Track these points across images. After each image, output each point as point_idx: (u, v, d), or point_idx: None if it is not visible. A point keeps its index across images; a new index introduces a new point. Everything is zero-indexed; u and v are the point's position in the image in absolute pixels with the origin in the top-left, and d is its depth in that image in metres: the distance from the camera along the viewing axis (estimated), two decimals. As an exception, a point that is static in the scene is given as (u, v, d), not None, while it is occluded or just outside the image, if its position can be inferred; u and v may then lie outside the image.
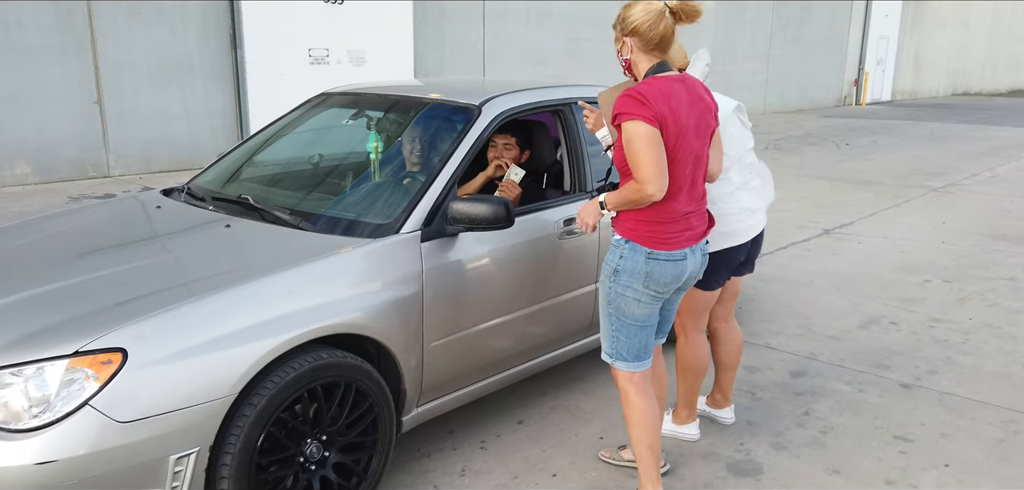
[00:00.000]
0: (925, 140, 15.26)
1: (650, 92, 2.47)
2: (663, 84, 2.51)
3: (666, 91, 2.50)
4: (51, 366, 2.19)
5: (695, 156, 2.60)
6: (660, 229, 2.58)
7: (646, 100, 2.45)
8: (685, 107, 2.53)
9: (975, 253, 6.76)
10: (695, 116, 2.57)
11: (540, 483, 3.10)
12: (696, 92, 2.61)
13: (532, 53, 14.02)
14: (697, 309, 3.28)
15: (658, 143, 2.46)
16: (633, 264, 2.60)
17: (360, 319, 2.68)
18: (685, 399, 3.42)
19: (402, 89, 3.88)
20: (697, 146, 2.60)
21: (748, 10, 19.11)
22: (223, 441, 2.38)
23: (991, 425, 3.62)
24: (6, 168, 8.63)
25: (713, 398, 3.61)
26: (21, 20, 8.44)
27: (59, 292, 2.54)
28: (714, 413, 3.61)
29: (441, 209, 3.00)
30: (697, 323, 3.32)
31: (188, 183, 3.73)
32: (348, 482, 2.75)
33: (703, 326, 3.35)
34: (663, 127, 2.47)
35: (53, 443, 2.12)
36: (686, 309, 3.27)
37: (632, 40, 2.58)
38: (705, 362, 3.37)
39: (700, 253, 2.72)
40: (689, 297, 3.22)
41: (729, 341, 3.50)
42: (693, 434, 3.44)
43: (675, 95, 2.51)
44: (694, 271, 2.72)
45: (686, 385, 3.40)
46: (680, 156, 2.55)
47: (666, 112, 2.47)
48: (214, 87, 10.14)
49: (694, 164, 2.61)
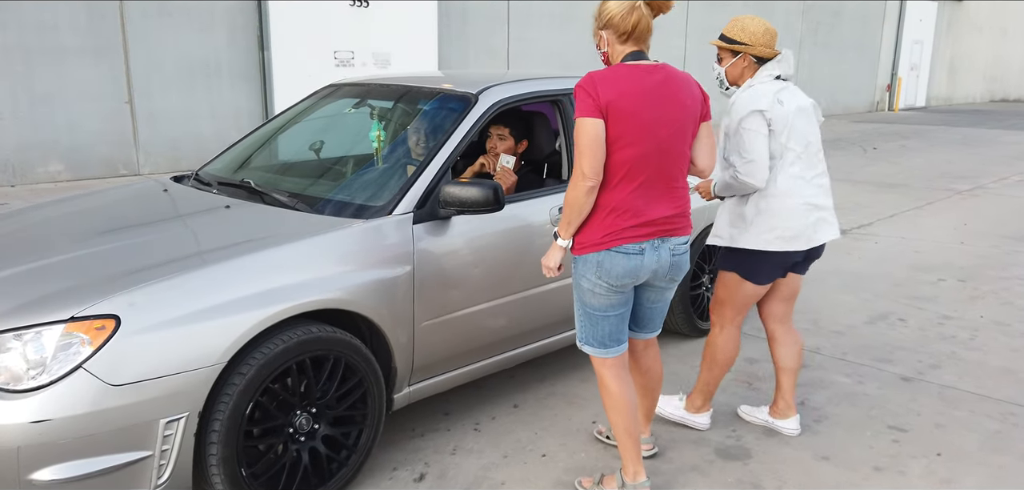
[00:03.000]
0: (956, 145, 15.02)
1: (600, 77, 2.52)
2: (620, 71, 2.55)
3: (621, 77, 2.53)
4: (48, 330, 2.30)
5: (660, 148, 2.56)
6: (612, 219, 2.56)
7: (593, 88, 2.49)
8: (645, 95, 2.52)
9: (994, 254, 6.67)
10: (662, 107, 2.55)
11: (528, 462, 3.15)
12: (670, 85, 2.59)
13: (556, 56, 14.09)
14: (738, 301, 3.22)
15: (599, 136, 2.49)
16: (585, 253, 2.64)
17: (348, 296, 2.76)
18: (703, 388, 3.38)
19: (406, 80, 3.97)
20: (664, 138, 2.56)
21: (777, 13, 18.97)
22: (212, 408, 2.48)
23: (989, 417, 3.60)
24: (40, 165, 8.91)
25: (775, 407, 3.43)
26: (56, 22, 8.72)
27: (60, 264, 2.66)
28: (777, 423, 3.42)
29: (434, 193, 3.08)
30: (735, 316, 3.25)
31: (197, 170, 3.86)
32: (338, 455, 2.84)
33: (740, 320, 3.28)
34: (608, 112, 2.49)
35: (49, 403, 2.24)
36: (727, 299, 3.23)
37: (607, 32, 2.63)
38: (733, 356, 3.31)
39: (667, 251, 2.67)
40: (732, 287, 3.19)
41: (789, 343, 3.35)
42: (703, 423, 3.41)
43: (632, 80, 2.52)
44: (659, 268, 2.67)
45: (709, 375, 3.34)
46: (632, 142, 2.52)
47: (614, 98, 2.49)
48: (241, 87, 10.36)
49: (661, 157, 2.57)
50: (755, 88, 3.04)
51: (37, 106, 8.76)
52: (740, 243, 3.13)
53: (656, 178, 2.60)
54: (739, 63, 3.12)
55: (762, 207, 3.06)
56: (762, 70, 3.10)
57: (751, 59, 3.11)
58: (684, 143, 2.65)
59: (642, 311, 2.88)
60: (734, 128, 3.03)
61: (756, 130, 2.98)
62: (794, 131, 3.03)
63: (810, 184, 3.08)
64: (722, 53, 3.18)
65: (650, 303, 2.86)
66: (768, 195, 3.05)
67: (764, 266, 3.13)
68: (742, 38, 3.10)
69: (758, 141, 2.98)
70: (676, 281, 2.81)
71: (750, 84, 3.08)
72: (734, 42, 3.11)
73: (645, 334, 2.96)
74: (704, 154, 2.77)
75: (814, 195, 3.09)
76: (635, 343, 2.98)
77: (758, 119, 2.98)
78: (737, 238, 3.14)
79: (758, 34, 3.09)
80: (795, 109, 3.04)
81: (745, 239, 3.11)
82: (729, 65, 3.15)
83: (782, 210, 3.04)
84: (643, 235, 2.60)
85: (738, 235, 3.13)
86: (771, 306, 3.33)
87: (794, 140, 3.04)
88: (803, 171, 3.06)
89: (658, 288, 2.80)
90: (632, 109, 2.51)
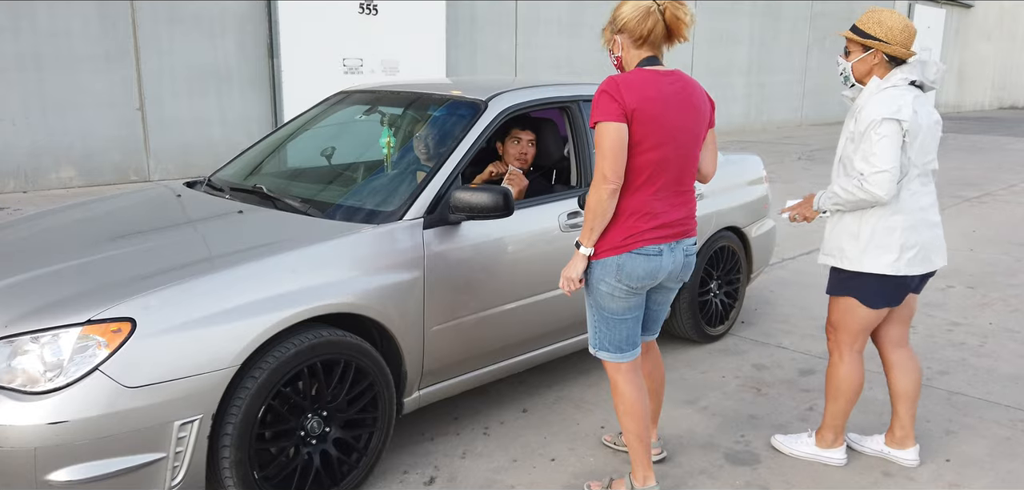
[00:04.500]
0: (965, 152, 14.98)
1: (623, 81, 2.53)
2: (642, 75, 2.56)
3: (645, 82, 2.55)
4: (65, 333, 2.34)
5: (680, 153, 2.60)
6: (633, 222, 2.59)
7: (618, 93, 2.50)
8: (666, 101, 2.55)
9: (1003, 261, 6.65)
10: (682, 113, 2.58)
11: (537, 467, 3.17)
12: (686, 92, 2.62)
13: (564, 63, 14.13)
14: (855, 327, 3.02)
15: (623, 141, 2.50)
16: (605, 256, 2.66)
17: (360, 300, 2.79)
18: (831, 422, 3.16)
19: (416, 87, 4.00)
20: (683, 143, 2.60)
21: (784, 21, 18.98)
22: (226, 411, 2.51)
23: (999, 424, 3.60)
24: (52, 171, 8.98)
25: (891, 435, 3.21)
26: (69, 29, 8.80)
27: (75, 268, 2.70)
28: (895, 453, 3.20)
29: (445, 198, 3.11)
30: (853, 342, 3.05)
31: (210, 176, 3.90)
32: (349, 457, 2.86)
33: (861, 347, 3.07)
34: (632, 117, 2.51)
35: (65, 405, 2.27)
36: (842, 325, 3.05)
37: (622, 37, 2.65)
38: (859, 385, 3.10)
39: (681, 252, 2.70)
40: (847, 312, 3.02)
41: (908, 367, 3.14)
42: (839, 459, 3.18)
43: (653, 86, 2.55)
44: (674, 270, 2.70)
45: (835, 407, 3.13)
46: (655, 146, 2.54)
47: (639, 102, 2.51)
48: (251, 95, 10.42)
49: (680, 162, 2.61)
50: (891, 92, 2.81)
51: (49, 112, 8.84)
52: (856, 265, 2.93)
53: (674, 182, 2.64)
54: (869, 59, 2.88)
55: (880, 226, 2.87)
56: (896, 72, 2.87)
57: (883, 57, 2.87)
58: (698, 148, 2.70)
59: (649, 313, 2.91)
60: (863, 132, 2.80)
61: (891, 137, 2.74)
62: (923, 147, 2.85)
63: (928, 201, 2.92)
64: (851, 46, 2.94)
65: (657, 305, 2.90)
66: (888, 212, 2.86)
67: (882, 289, 2.93)
68: (876, 33, 2.85)
69: (892, 151, 2.75)
70: (684, 281, 2.85)
71: (882, 85, 2.85)
72: (867, 36, 2.87)
73: (648, 336, 3.00)
74: (709, 160, 2.83)
75: (931, 213, 2.92)
76: None
77: (895, 127, 2.75)
78: (853, 259, 2.93)
79: (895, 31, 2.84)
80: (930, 124, 2.87)
81: (862, 261, 2.91)
82: (857, 60, 2.91)
83: (903, 228, 2.86)
84: (663, 237, 2.63)
85: (854, 256, 2.93)
86: (888, 330, 3.12)
87: (921, 156, 2.85)
88: (922, 188, 2.90)
89: (667, 289, 2.85)
90: (656, 114, 2.53)
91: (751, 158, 4.84)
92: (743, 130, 17.88)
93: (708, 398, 3.82)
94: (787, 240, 7.02)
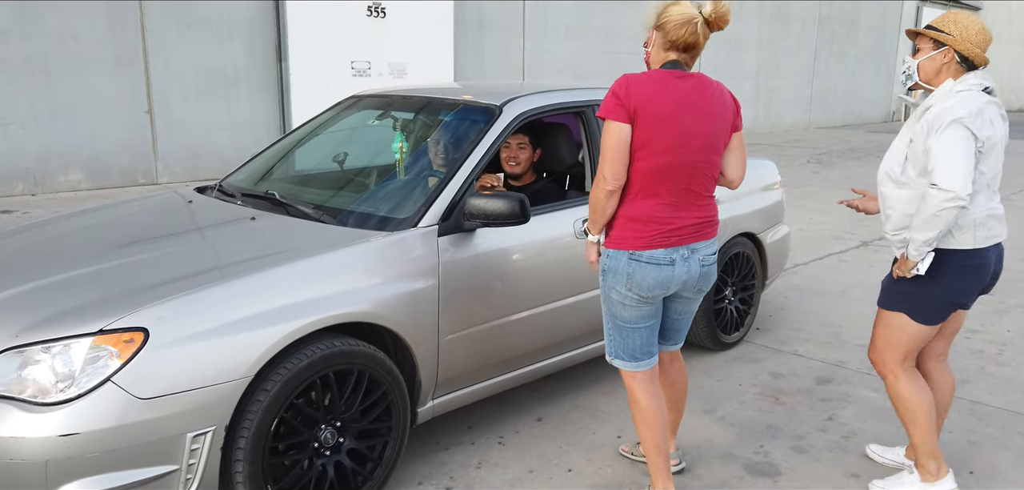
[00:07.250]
0: (976, 155, 14.84)
1: (634, 80, 2.50)
2: (655, 76, 2.54)
3: (655, 82, 2.51)
4: (77, 343, 2.29)
5: (691, 160, 2.55)
6: (640, 227, 2.56)
7: (624, 92, 2.48)
8: (678, 105, 2.51)
9: (1018, 267, 6.57)
10: (694, 118, 2.54)
11: (554, 477, 3.12)
12: (703, 96, 2.57)
13: (572, 66, 14.07)
14: (903, 344, 2.85)
15: (624, 142, 2.49)
16: (616, 264, 2.61)
17: (373, 309, 2.75)
18: (925, 448, 2.92)
19: (428, 91, 3.96)
20: (695, 149, 2.55)
21: (792, 24, 18.89)
22: (239, 422, 2.46)
23: (1021, 434, 3.53)
24: (60, 174, 8.96)
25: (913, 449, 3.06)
26: (78, 32, 8.78)
27: (87, 276, 2.66)
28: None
29: (459, 205, 3.06)
30: (903, 360, 2.88)
31: (221, 181, 3.86)
32: (363, 468, 2.81)
33: (911, 363, 2.91)
34: (636, 117, 2.48)
35: (76, 416, 2.23)
36: (891, 344, 2.87)
37: (657, 34, 2.60)
38: (928, 397, 2.89)
39: (697, 262, 2.65)
40: (896, 330, 2.85)
41: (943, 383, 3.03)
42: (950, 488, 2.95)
43: (665, 88, 2.51)
44: (689, 280, 2.65)
45: (916, 430, 2.90)
46: (661, 151, 2.50)
47: (644, 103, 2.47)
48: (259, 98, 10.40)
49: (690, 169, 2.56)
50: (966, 96, 2.63)
51: (58, 116, 8.82)
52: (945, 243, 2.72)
53: (685, 191, 2.58)
54: (939, 58, 2.71)
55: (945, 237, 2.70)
56: (969, 76, 2.69)
57: (954, 57, 2.69)
58: (715, 154, 2.63)
59: (668, 322, 2.85)
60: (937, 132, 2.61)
61: (965, 143, 2.58)
62: (992, 159, 2.71)
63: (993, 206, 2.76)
64: (921, 43, 2.77)
65: (677, 315, 2.84)
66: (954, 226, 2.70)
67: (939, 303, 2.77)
68: (951, 30, 2.69)
69: (968, 155, 2.57)
70: (704, 292, 2.79)
71: (957, 88, 2.67)
72: (941, 32, 2.71)
73: (670, 346, 2.93)
74: (734, 165, 2.74)
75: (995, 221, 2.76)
76: (661, 356, 2.95)
77: (970, 138, 2.58)
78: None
79: (971, 32, 2.68)
80: (1002, 135, 2.72)
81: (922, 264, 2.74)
82: (926, 57, 2.74)
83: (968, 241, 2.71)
84: (672, 241, 2.59)
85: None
86: (933, 343, 2.99)
87: (989, 168, 2.71)
88: (987, 200, 2.74)
89: (685, 299, 2.78)
90: (662, 116, 2.49)
91: (766, 163, 4.78)
92: (751, 133, 17.79)
93: (725, 407, 3.76)
94: (800, 245, 6.96)
